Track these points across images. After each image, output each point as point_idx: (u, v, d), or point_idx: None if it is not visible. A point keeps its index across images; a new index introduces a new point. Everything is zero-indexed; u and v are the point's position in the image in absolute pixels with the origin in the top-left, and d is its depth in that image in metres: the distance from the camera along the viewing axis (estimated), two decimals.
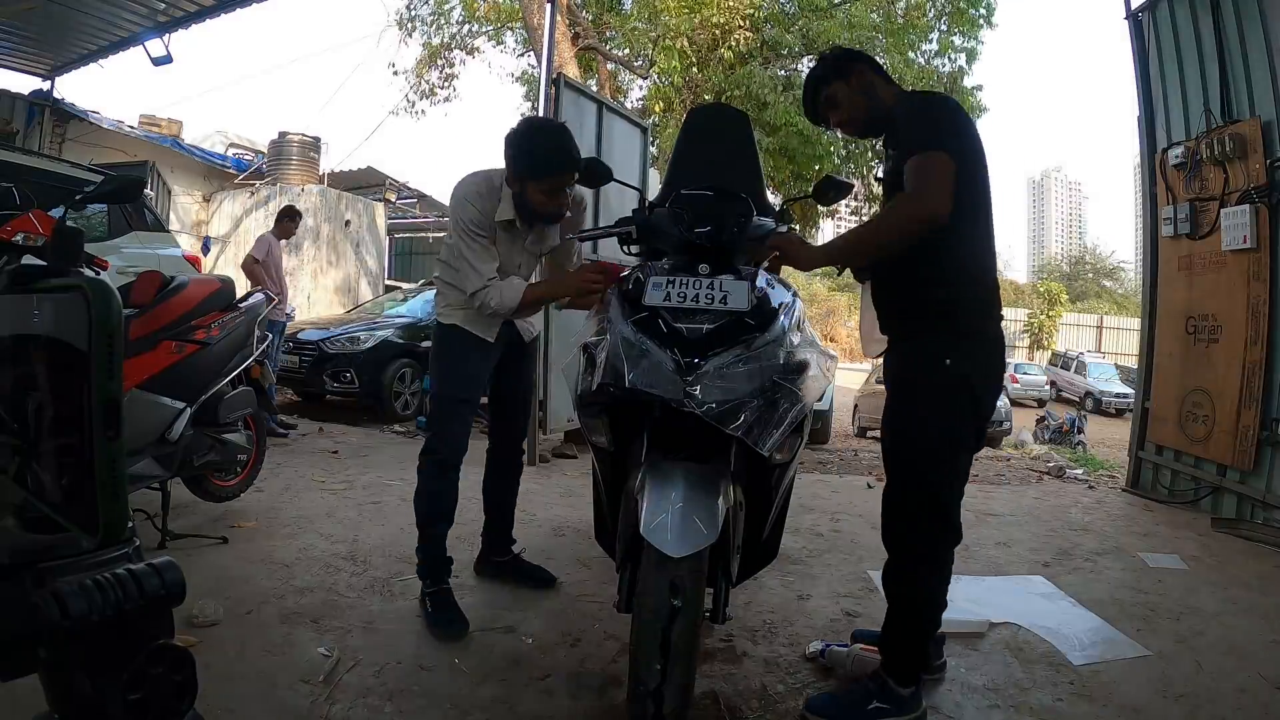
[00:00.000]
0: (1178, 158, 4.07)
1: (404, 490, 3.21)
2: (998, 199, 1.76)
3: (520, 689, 1.77)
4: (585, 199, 2.40)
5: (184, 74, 9.74)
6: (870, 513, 3.50)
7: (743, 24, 9.55)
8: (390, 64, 14.68)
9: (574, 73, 7.91)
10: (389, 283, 11.85)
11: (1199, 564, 2.98)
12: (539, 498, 3.52)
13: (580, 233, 2.20)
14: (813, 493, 4.02)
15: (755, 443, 1.43)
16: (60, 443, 0.71)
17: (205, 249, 9.89)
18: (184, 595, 0.72)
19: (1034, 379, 19.26)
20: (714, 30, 9.42)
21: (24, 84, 8.03)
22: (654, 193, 2.32)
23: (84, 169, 4.83)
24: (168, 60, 6.48)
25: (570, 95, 4.68)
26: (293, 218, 5.62)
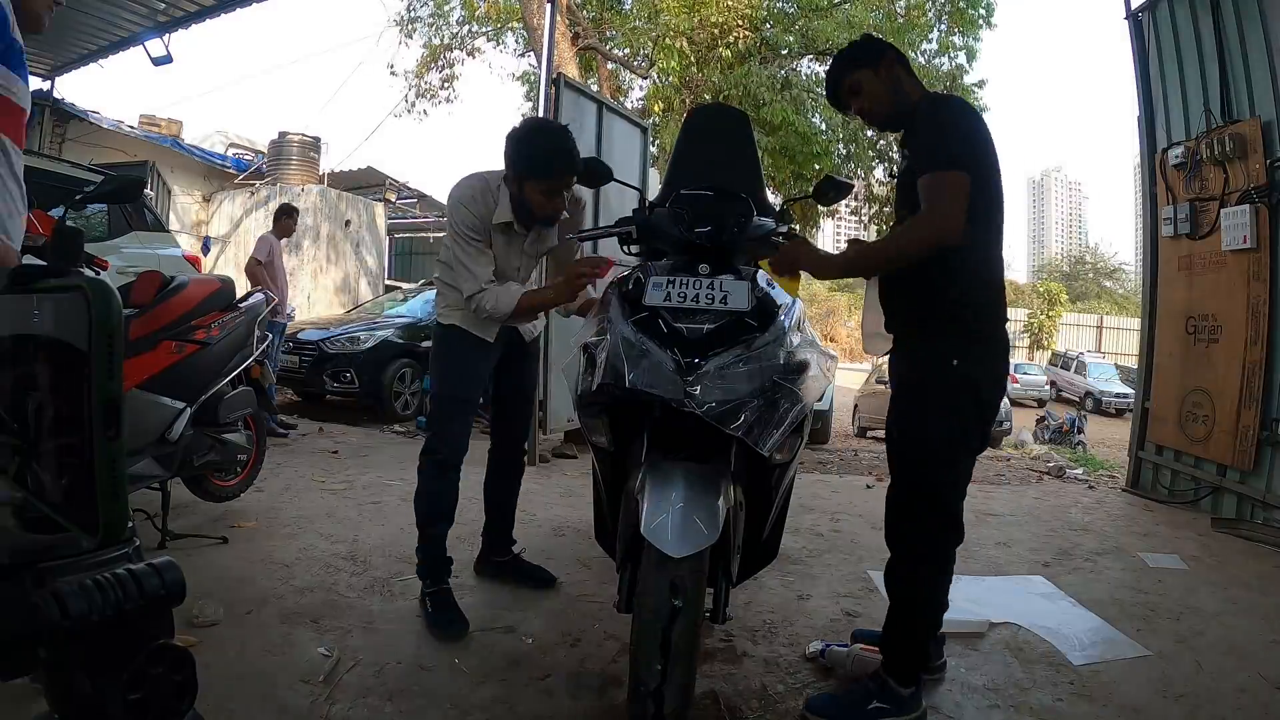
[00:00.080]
0: (1178, 158, 4.07)
1: (404, 490, 3.21)
2: None
3: (520, 689, 1.77)
4: (585, 199, 2.40)
5: (184, 74, 9.76)
6: (870, 513, 3.51)
7: (742, 23, 9.54)
8: (389, 64, 14.61)
9: (574, 73, 7.91)
10: (389, 283, 11.86)
11: (1199, 564, 2.98)
12: (539, 498, 3.52)
13: (580, 233, 2.19)
14: (813, 493, 4.02)
15: (755, 443, 1.43)
16: (60, 443, 0.71)
17: (205, 249, 9.89)
18: (184, 595, 0.72)
19: (1034, 379, 19.26)
20: (713, 29, 9.43)
21: None
22: (654, 193, 2.32)
23: (84, 169, 4.83)
24: (168, 60, 6.48)
25: (570, 95, 4.67)
26: (290, 215, 5.62)
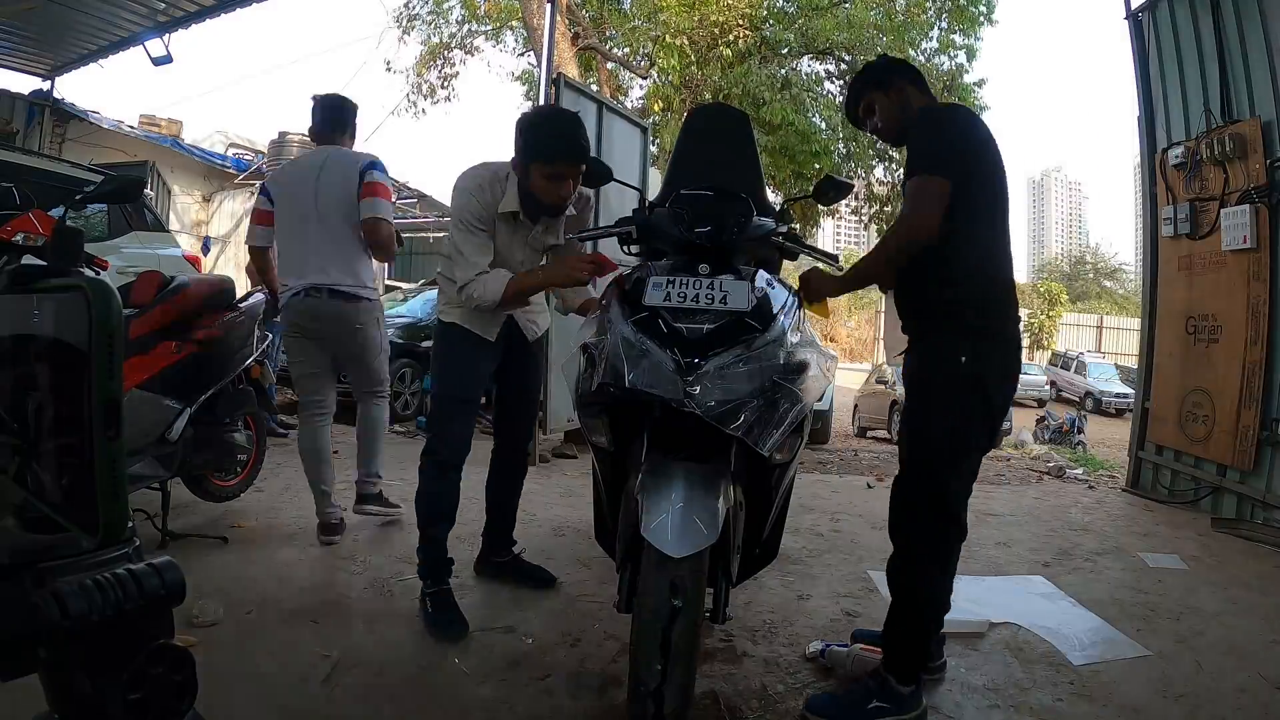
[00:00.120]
0: (1178, 158, 4.07)
1: (404, 490, 3.21)
2: None
3: (520, 689, 1.77)
4: (590, 198, 2.39)
5: (184, 74, 9.75)
6: (870, 513, 3.51)
7: (741, 22, 9.55)
8: (386, 61, 14.53)
9: (574, 72, 7.91)
10: (389, 283, 11.83)
11: (1199, 564, 2.98)
12: (539, 498, 3.52)
13: (580, 233, 2.19)
14: (813, 493, 4.02)
15: (755, 443, 1.43)
16: (60, 443, 0.71)
17: (205, 249, 9.90)
18: (184, 595, 0.71)
19: (1034, 379, 19.22)
20: (713, 29, 9.43)
21: (24, 84, 8.05)
22: (654, 193, 2.32)
23: (84, 169, 4.84)
24: (168, 60, 6.48)
25: (570, 95, 4.67)
26: None
